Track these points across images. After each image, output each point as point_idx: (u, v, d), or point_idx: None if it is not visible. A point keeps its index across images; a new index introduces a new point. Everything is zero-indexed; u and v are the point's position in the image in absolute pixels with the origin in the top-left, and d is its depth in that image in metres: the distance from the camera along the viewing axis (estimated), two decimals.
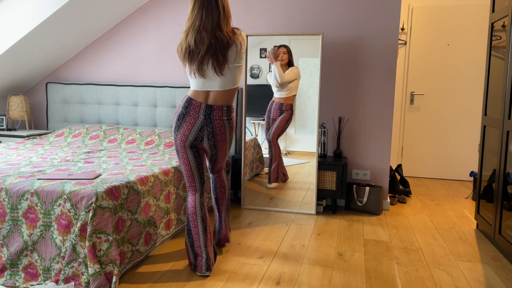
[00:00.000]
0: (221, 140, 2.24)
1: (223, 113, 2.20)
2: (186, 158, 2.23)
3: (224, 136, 2.24)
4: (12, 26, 3.47)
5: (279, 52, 3.24)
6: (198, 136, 2.18)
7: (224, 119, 2.21)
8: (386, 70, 3.50)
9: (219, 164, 2.40)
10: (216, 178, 2.46)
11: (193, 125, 2.17)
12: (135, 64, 4.05)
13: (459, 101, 4.83)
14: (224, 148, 2.30)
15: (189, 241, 2.25)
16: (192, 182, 2.27)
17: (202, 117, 2.17)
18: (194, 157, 2.23)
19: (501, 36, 2.78)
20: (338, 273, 2.28)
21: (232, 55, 2.16)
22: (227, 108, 2.22)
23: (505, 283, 2.21)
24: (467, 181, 4.85)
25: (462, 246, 2.75)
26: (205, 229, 2.24)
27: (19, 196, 2.05)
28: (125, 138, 3.60)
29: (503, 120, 2.61)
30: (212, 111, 2.17)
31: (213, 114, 2.18)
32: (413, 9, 4.83)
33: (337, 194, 3.41)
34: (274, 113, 3.40)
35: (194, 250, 2.24)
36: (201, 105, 2.16)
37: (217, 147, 2.26)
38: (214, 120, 2.18)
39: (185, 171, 2.27)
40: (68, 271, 1.95)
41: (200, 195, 2.28)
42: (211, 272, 2.23)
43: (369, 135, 3.59)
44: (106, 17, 3.84)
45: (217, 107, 2.18)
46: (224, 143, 2.27)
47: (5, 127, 4.09)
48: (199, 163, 2.26)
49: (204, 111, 2.17)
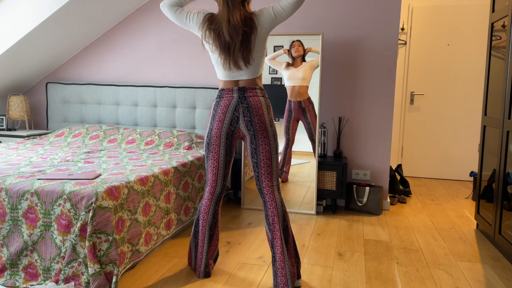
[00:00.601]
0: (258, 116, 2.02)
1: (257, 92, 2.05)
2: (217, 151, 2.08)
3: (262, 113, 2.03)
4: (12, 26, 3.47)
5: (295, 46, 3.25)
6: (233, 116, 2.03)
7: (259, 95, 2.05)
8: (386, 70, 3.50)
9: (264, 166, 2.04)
10: (266, 202, 2.06)
11: (228, 106, 2.03)
12: (135, 64, 4.05)
13: (459, 101, 4.83)
14: (266, 134, 2.03)
15: (194, 242, 2.22)
16: (214, 182, 2.13)
17: (236, 96, 2.03)
18: (225, 153, 2.08)
19: (501, 36, 2.78)
20: (338, 273, 2.28)
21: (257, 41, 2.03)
22: (260, 89, 2.08)
23: (505, 283, 2.21)
24: (467, 181, 4.85)
25: (462, 246, 2.75)
26: (211, 238, 2.19)
27: (19, 196, 2.05)
28: (125, 138, 3.60)
29: (503, 120, 2.61)
30: (246, 91, 2.04)
31: (247, 92, 2.04)
32: (413, 9, 4.83)
33: (337, 194, 3.41)
34: (296, 113, 3.37)
35: (196, 253, 2.21)
36: (233, 88, 2.05)
37: (255, 128, 2.02)
38: (248, 97, 2.03)
39: (210, 168, 2.12)
40: (68, 271, 1.95)
41: (217, 201, 2.17)
42: (209, 277, 2.21)
43: (369, 135, 3.59)
44: (106, 17, 3.84)
45: (249, 88, 2.05)
46: (264, 126, 2.03)
47: (5, 127, 4.09)
48: (228, 162, 2.11)
49: (237, 92, 2.04)
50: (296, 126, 3.41)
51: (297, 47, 3.31)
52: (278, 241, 1.99)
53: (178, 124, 3.84)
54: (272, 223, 2.01)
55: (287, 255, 2.01)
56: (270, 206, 2.03)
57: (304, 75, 3.30)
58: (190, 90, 3.78)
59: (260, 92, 2.06)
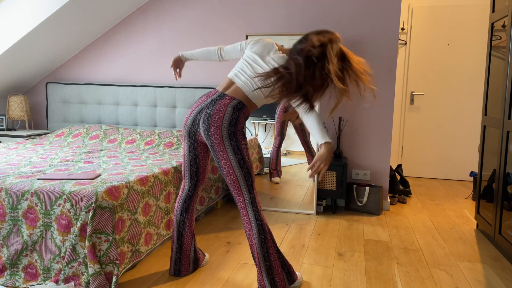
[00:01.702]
0: (215, 127, 1.88)
1: (232, 102, 1.90)
2: (184, 147, 2.11)
3: (220, 124, 1.87)
4: (12, 26, 3.47)
5: None
6: (195, 118, 1.97)
7: (230, 106, 1.89)
8: (386, 70, 3.50)
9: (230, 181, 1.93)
10: (240, 212, 2.14)
11: (197, 106, 1.98)
12: (135, 64, 4.05)
13: (459, 101, 4.83)
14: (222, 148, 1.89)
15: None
16: (183, 179, 2.17)
17: (208, 101, 1.95)
18: (188, 150, 2.07)
19: (501, 36, 2.78)
20: (338, 273, 2.28)
21: None
22: (240, 102, 1.92)
23: (505, 283, 2.21)
24: (467, 181, 4.85)
25: (462, 246, 2.75)
26: (180, 236, 2.16)
27: (19, 196, 2.05)
28: (125, 138, 3.60)
29: (503, 120, 2.61)
30: (222, 98, 1.93)
31: (222, 98, 1.92)
32: (413, 9, 4.83)
33: (337, 194, 3.41)
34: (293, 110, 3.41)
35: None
36: (216, 92, 1.98)
37: (211, 140, 1.90)
38: (217, 103, 1.91)
39: (182, 162, 2.16)
40: (68, 271, 1.95)
41: (186, 199, 2.16)
42: (179, 276, 2.19)
43: (369, 135, 3.59)
44: (106, 17, 3.84)
45: (229, 97, 1.93)
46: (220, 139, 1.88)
47: (5, 127, 4.09)
48: (193, 158, 2.08)
49: (214, 97, 1.96)
50: (287, 124, 3.44)
51: None
52: (255, 255, 1.93)
53: (178, 124, 3.84)
54: (248, 238, 1.95)
55: (265, 273, 1.91)
56: (244, 221, 1.95)
57: None
58: (190, 90, 3.78)
59: (236, 104, 1.90)
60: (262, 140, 3.53)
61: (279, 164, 3.50)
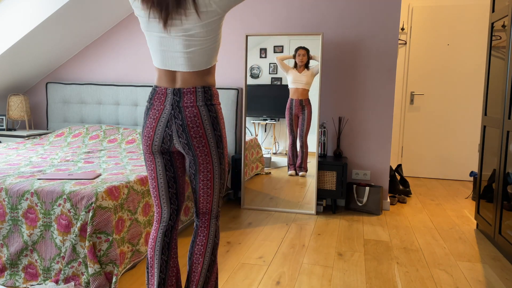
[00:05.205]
0: (197, 137, 1.49)
1: (198, 98, 1.48)
2: (153, 168, 1.57)
3: (203, 132, 1.49)
4: (12, 26, 3.47)
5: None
6: (165, 134, 1.50)
7: (200, 105, 1.48)
8: (386, 70, 3.50)
9: (203, 194, 1.58)
10: (198, 227, 1.63)
11: (158, 120, 1.50)
12: (135, 64, 4.05)
13: (459, 101, 4.83)
14: (208, 160, 1.53)
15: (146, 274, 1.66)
16: (158, 207, 1.61)
17: (169, 106, 1.48)
18: (164, 168, 1.56)
19: (501, 36, 2.78)
20: (338, 273, 2.28)
21: None
22: (203, 90, 1.49)
23: (505, 283, 2.21)
24: (467, 181, 4.85)
25: (462, 246, 2.75)
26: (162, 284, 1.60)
27: (19, 196, 2.05)
28: (125, 138, 3.60)
29: (503, 120, 2.61)
30: (182, 96, 1.48)
31: (183, 101, 1.48)
32: (413, 9, 4.83)
33: (337, 194, 3.41)
34: (296, 109, 3.42)
35: None
36: (167, 91, 1.49)
37: (193, 148, 1.50)
38: (184, 108, 1.47)
39: (151, 188, 1.61)
40: (68, 271, 1.95)
41: (167, 232, 1.61)
42: None
43: (369, 135, 3.59)
44: (106, 17, 3.84)
45: (188, 90, 1.48)
46: (207, 150, 1.51)
47: (5, 127, 4.09)
48: (171, 178, 1.58)
49: (171, 97, 1.48)
50: (298, 122, 3.44)
51: (302, 56, 3.35)
52: (196, 276, 1.59)
53: None
54: (196, 253, 1.60)
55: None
56: (200, 233, 1.61)
57: (307, 80, 3.36)
58: None
59: (203, 97, 1.49)
60: (262, 140, 3.53)
61: (300, 159, 3.48)
